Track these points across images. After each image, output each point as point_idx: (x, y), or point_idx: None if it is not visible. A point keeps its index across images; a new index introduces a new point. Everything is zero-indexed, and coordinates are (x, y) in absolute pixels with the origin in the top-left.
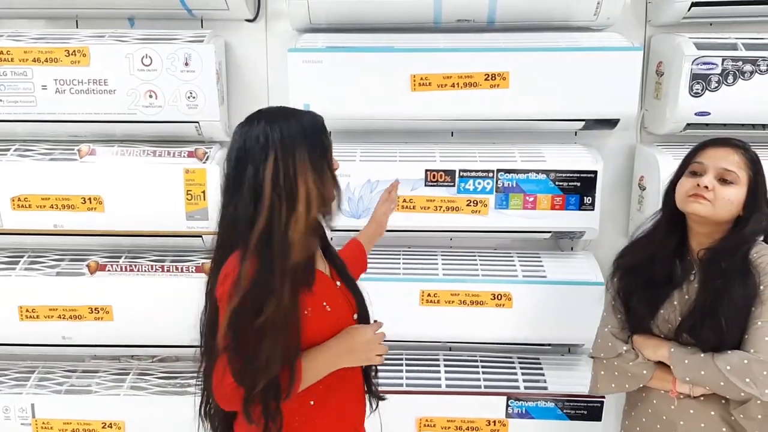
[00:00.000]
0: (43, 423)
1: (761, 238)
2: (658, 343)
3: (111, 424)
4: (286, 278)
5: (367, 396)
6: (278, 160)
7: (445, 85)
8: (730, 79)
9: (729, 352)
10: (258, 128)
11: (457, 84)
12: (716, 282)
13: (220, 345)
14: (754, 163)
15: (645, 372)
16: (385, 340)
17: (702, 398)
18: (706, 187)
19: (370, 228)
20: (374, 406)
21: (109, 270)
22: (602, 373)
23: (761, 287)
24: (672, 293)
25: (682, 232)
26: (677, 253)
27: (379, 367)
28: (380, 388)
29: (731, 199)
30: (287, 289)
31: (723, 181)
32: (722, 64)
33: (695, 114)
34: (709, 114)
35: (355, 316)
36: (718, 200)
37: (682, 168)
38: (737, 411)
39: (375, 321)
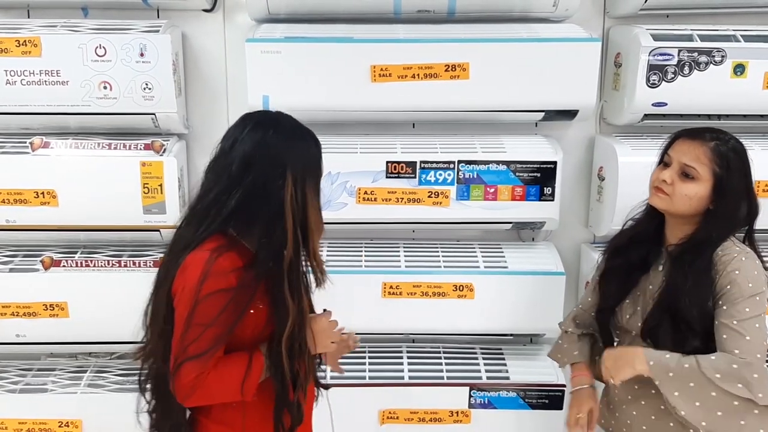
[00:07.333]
0: None
1: (746, 227)
2: (630, 359)
3: (68, 423)
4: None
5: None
6: (296, 185)
7: (406, 76)
8: (686, 70)
9: (712, 357)
10: (271, 139)
11: (418, 75)
12: (677, 283)
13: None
14: (721, 158)
15: (565, 360)
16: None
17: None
18: (665, 182)
19: None
20: (319, 395)
21: (64, 266)
22: (558, 342)
23: (728, 286)
24: (639, 279)
25: (661, 219)
26: (655, 238)
27: (341, 359)
28: (343, 381)
29: (689, 194)
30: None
31: (684, 175)
32: (678, 56)
33: (652, 105)
34: (666, 105)
35: None
36: (675, 195)
37: (660, 156)
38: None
39: (324, 310)
